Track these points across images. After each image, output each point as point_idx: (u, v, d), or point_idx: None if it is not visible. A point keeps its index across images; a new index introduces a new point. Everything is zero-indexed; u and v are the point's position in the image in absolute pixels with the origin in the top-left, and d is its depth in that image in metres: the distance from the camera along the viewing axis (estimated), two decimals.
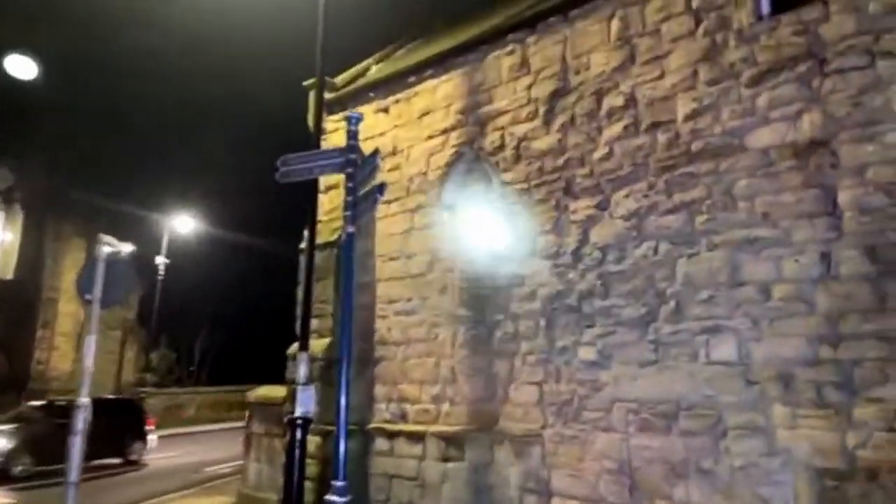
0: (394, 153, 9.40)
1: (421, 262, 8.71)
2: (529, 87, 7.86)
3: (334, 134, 10.45)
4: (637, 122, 6.83)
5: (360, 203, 5.53)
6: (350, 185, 5.57)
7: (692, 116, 6.40)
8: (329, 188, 10.21)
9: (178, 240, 29.57)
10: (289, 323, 9.69)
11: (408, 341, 8.68)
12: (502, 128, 8.05)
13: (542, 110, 7.67)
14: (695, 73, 6.45)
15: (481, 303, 7.93)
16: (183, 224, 29.32)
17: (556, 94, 7.57)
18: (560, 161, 7.41)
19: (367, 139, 9.58)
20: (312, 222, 8.23)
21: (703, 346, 6.08)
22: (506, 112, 8.05)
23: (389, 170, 9.41)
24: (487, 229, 8.02)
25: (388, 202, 9.31)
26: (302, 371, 7.43)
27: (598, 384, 6.73)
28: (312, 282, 8.10)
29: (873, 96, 5.36)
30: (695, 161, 6.33)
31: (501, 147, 8.01)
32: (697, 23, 6.53)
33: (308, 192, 8.33)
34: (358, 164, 5.64)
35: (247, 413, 10.81)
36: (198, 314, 35.06)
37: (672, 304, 6.32)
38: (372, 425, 8.68)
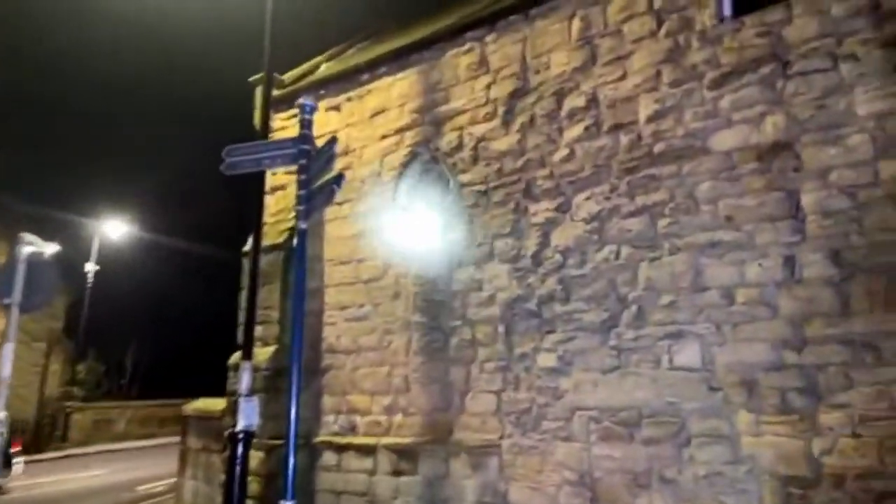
0: (345, 153, 9.01)
1: (373, 267, 8.35)
2: (488, 86, 7.64)
3: (282, 132, 9.98)
4: (599, 123, 6.69)
5: (315, 197, 5.15)
6: (303, 177, 5.18)
7: (654, 118, 6.30)
8: (275, 189, 9.75)
9: (110, 245, 28.10)
10: (228, 332, 9.15)
11: (358, 349, 8.28)
12: (460, 128, 7.80)
13: (501, 110, 7.46)
14: (657, 75, 6.36)
15: (437, 308, 7.62)
16: (114, 229, 27.86)
17: (516, 94, 7.38)
18: (519, 162, 7.21)
19: (317, 137, 9.24)
20: (258, 224, 7.77)
21: (665, 351, 5.94)
22: (464, 112, 7.80)
23: (341, 170, 9.01)
24: (443, 232, 7.74)
25: (340, 204, 8.92)
26: (244, 381, 6.93)
27: (559, 392, 6.51)
28: (257, 287, 7.63)
29: (837, 99, 5.35)
30: (657, 163, 6.23)
31: (459, 147, 7.76)
32: (660, 23, 6.46)
33: (251, 195, 7.86)
34: (312, 155, 5.25)
35: (182, 427, 10.15)
36: (129, 324, 33.41)
37: (634, 308, 6.17)
38: (319, 439, 8.22)
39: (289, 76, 10.54)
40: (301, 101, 5.37)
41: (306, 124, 5.28)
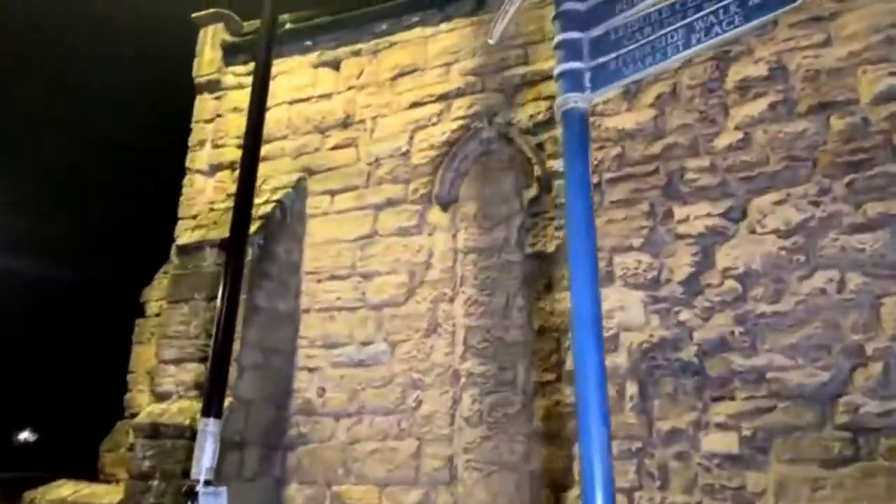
0: (345, 125, 6.28)
1: (391, 286, 5.54)
2: None
3: (235, 93, 7.02)
4: (791, 101, 4.69)
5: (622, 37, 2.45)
6: None
7: (891, 97, 4.43)
8: (217, 168, 6.70)
9: None
10: (85, 380, 5.67)
11: (359, 412, 5.31)
12: (551, 97, 5.46)
13: None
14: (889, 41, 4.53)
15: (508, 353, 4.98)
16: None
17: None
18: (656, 147, 4.99)
19: (298, 101, 6.45)
20: (245, 190, 4.69)
21: None
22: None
23: (335, 147, 6.24)
24: (518, 238, 5.21)
25: (332, 193, 6.09)
26: (206, 455, 3.74)
27: (745, 497, 4.10)
28: (235, 300, 4.36)
29: None
30: None
31: (549, 123, 5.39)
32: None
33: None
34: None
35: None
36: None
37: (877, 368, 4.03)
38: None
39: (251, 25, 7.64)
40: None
41: None
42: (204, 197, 6.75)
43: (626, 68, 2.18)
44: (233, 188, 6.58)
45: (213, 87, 7.18)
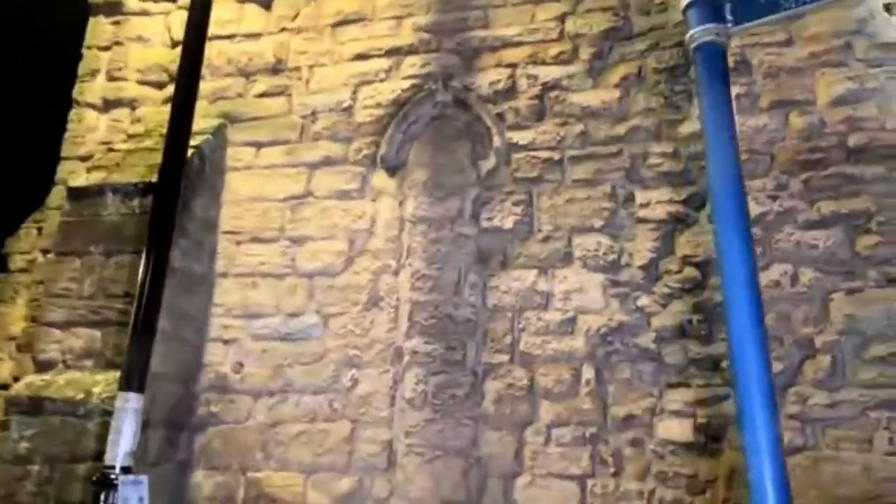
0: (275, 71, 5.61)
1: (326, 253, 5.00)
2: (562, 17, 5.22)
3: (139, 19, 6.08)
4: (754, 95, 4.75)
5: None
6: None
7: (845, 101, 4.58)
8: (114, 104, 5.79)
9: None
10: None
11: (284, 389, 4.75)
12: (512, 65, 5.16)
13: (587, 53, 5.07)
14: (847, 46, 4.69)
15: (457, 331, 4.65)
16: None
17: (612, 36, 5.09)
18: (620, 129, 4.86)
19: (218, 38, 5.71)
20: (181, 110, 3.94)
21: (879, 426, 4.00)
22: (518, 44, 5.21)
23: (263, 95, 5.57)
24: (473, 211, 4.88)
25: (258, 145, 5.44)
26: (126, 436, 3.08)
27: (696, 484, 4.09)
28: (164, 256, 3.62)
29: None
30: (854, 161, 4.47)
31: (511, 92, 5.09)
32: None
33: None
34: None
35: None
36: None
37: (825, 360, 4.15)
38: None
39: None
40: None
41: None
42: (96, 135, 5.78)
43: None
44: (132, 129, 5.76)
45: (113, 9, 6.16)
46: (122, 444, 3.03)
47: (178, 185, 3.70)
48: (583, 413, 4.32)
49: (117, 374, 4.06)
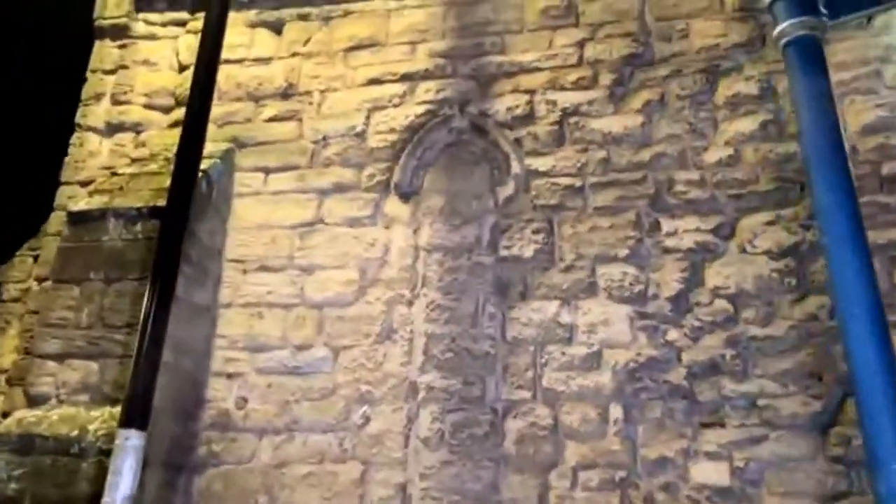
0: (285, 95, 5.46)
1: (337, 282, 4.78)
2: (581, 43, 5.10)
3: (146, 44, 5.96)
4: (781, 122, 4.60)
5: None
6: None
7: (876, 129, 4.45)
8: (117, 128, 5.65)
9: None
10: None
11: (290, 427, 4.47)
12: (530, 91, 5.03)
13: (607, 79, 4.94)
14: (877, 74, 4.58)
15: (475, 366, 4.40)
16: None
17: (633, 62, 4.97)
18: (644, 155, 4.70)
19: (227, 62, 5.55)
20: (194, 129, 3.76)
21: None
22: (536, 70, 5.08)
23: (273, 119, 5.41)
24: (491, 239, 4.68)
25: (266, 171, 5.25)
26: (127, 477, 2.83)
27: None
28: (169, 290, 3.39)
29: None
30: (889, 190, 4.31)
31: (529, 118, 4.94)
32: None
33: None
34: None
35: None
36: None
37: None
38: None
39: None
40: None
41: None
42: (98, 160, 5.60)
43: None
44: (136, 153, 5.60)
45: (119, 33, 6.04)
46: (121, 487, 2.77)
47: (186, 211, 3.51)
48: (611, 455, 4.06)
49: (115, 410, 3.81)
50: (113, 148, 5.63)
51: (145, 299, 3.18)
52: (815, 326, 4.10)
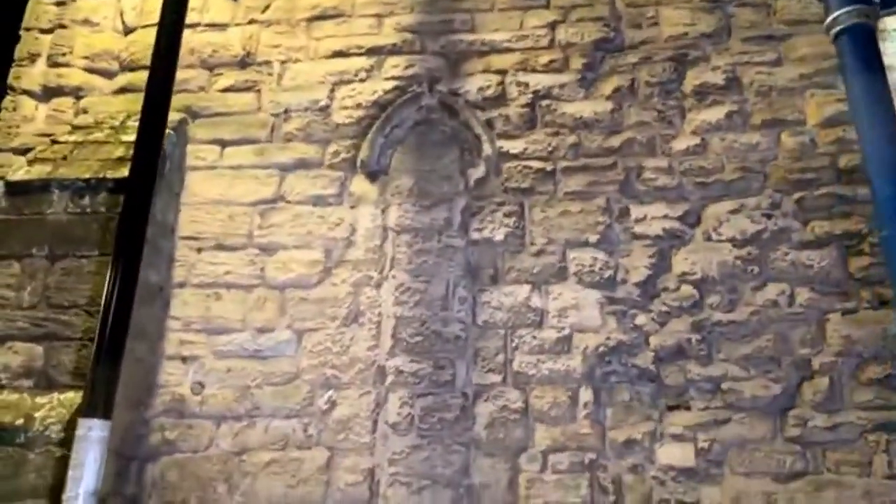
0: (243, 65, 5.19)
1: (300, 263, 4.60)
2: (553, 25, 5.05)
3: (92, 2, 5.53)
4: (746, 113, 4.70)
5: None
6: None
7: (835, 123, 4.60)
8: (55, 92, 5.24)
9: None
10: None
11: (251, 413, 4.29)
12: (501, 71, 4.95)
13: (578, 62, 4.92)
14: (836, 68, 4.73)
15: (445, 349, 4.33)
16: None
17: (604, 47, 4.96)
18: (615, 141, 4.71)
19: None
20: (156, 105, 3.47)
21: (880, 449, 3.96)
22: (507, 50, 5.01)
23: (229, 89, 5.13)
24: (462, 221, 4.61)
25: (223, 143, 4.99)
26: (90, 470, 2.61)
27: None
28: (133, 265, 3.14)
29: None
30: (847, 181, 4.47)
31: (501, 99, 4.87)
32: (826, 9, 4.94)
33: None
34: None
35: None
36: None
37: (823, 381, 4.09)
38: None
39: None
40: None
41: None
42: (33, 126, 5.16)
43: None
44: (77, 120, 5.23)
45: None
46: (85, 481, 2.56)
47: (151, 186, 3.26)
48: (581, 438, 4.09)
49: (64, 396, 3.55)
50: (50, 113, 5.20)
51: (107, 280, 2.94)
52: (775, 312, 4.23)
